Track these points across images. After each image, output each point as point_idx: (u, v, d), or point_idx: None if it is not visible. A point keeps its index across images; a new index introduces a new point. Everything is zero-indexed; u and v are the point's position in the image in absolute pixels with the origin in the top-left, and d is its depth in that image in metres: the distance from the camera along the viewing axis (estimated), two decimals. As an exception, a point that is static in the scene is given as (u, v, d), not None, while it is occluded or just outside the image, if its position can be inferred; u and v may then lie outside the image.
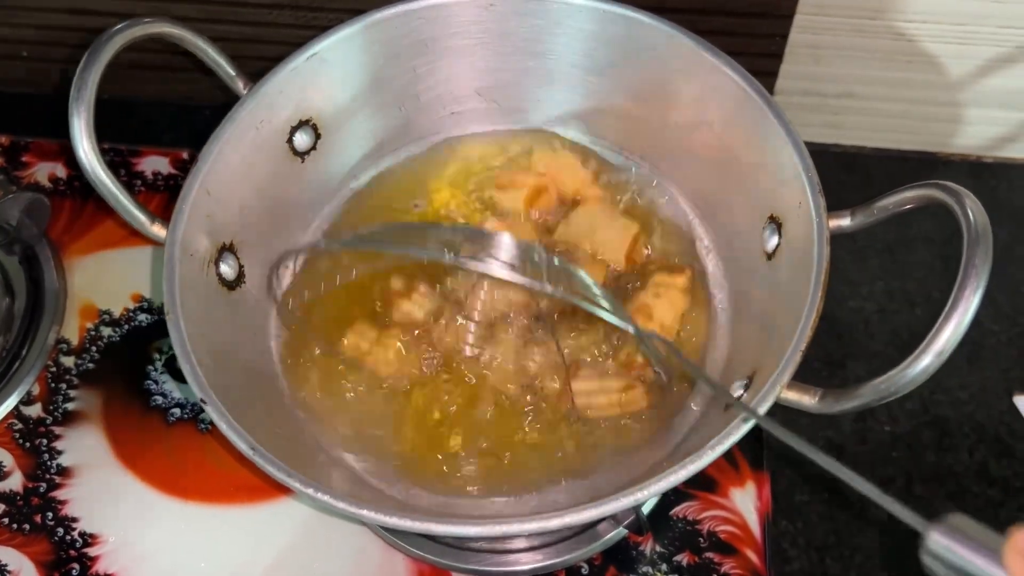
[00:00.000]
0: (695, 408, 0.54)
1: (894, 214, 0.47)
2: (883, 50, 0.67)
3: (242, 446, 0.45)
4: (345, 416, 0.55)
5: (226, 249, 0.55)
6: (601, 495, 0.43)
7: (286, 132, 0.58)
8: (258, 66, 0.58)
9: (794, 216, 0.50)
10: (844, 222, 0.48)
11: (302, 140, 0.59)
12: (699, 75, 0.55)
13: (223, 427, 0.45)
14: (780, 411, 0.45)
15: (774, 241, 0.52)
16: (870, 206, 0.47)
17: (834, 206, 0.50)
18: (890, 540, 0.58)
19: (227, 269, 0.54)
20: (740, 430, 0.42)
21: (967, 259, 0.40)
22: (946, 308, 0.39)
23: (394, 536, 0.57)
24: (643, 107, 0.60)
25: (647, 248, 0.59)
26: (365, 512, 0.42)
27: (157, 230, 0.52)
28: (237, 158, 0.55)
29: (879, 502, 0.34)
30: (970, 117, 0.71)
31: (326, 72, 0.58)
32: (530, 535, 0.55)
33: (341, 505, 0.43)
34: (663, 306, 0.55)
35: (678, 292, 0.56)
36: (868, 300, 0.67)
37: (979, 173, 0.73)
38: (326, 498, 0.43)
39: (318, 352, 0.56)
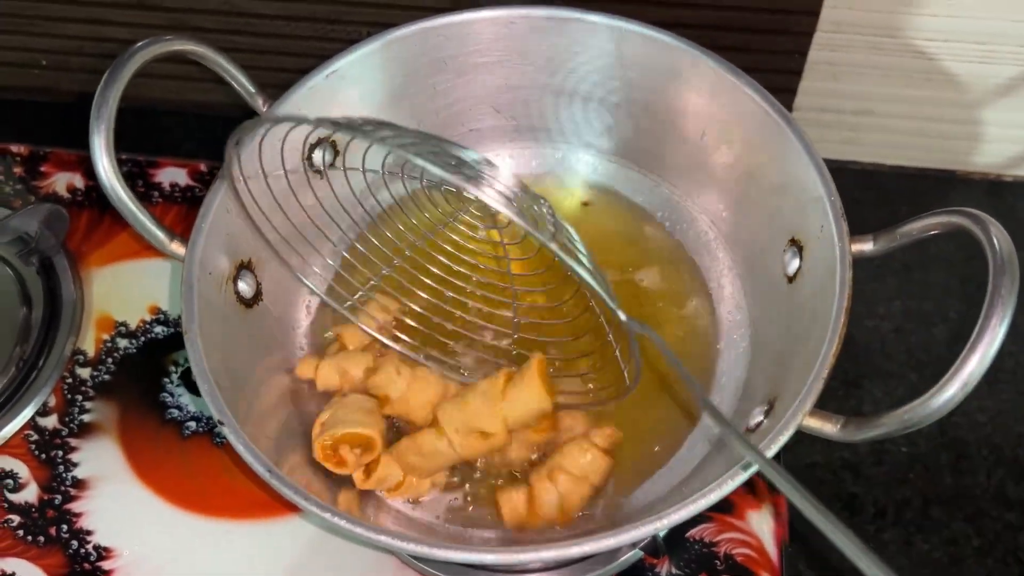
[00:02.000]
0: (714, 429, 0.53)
1: (918, 239, 0.46)
2: (902, 68, 0.67)
3: (259, 468, 0.45)
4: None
5: (244, 267, 0.54)
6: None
7: (305, 149, 0.58)
8: (275, 78, 0.58)
9: (816, 240, 0.50)
10: (867, 247, 0.48)
11: (321, 157, 0.59)
12: (719, 95, 0.55)
13: (240, 449, 0.45)
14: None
15: (795, 264, 0.52)
16: (893, 231, 0.47)
17: (851, 224, 0.49)
18: (906, 562, 0.58)
19: (245, 287, 0.54)
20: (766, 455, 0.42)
21: (993, 288, 0.40)
22: (972, 338, 0.39)
23: (407, 555, 0.57)
24: (662, 126, 0.60)
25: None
26: (382, 538, 0.42)
27: (176, 248, 0.52)
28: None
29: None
30: (989, 135, 0.71)
31: (345, 90, 0.58)
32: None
33: (358, 530, 0.42)
34: None
35: None
36: (885, 320, 0.67)
37: (998, 192, 0.73)
38: (342, 523, 0.43)
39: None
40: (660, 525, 0.42)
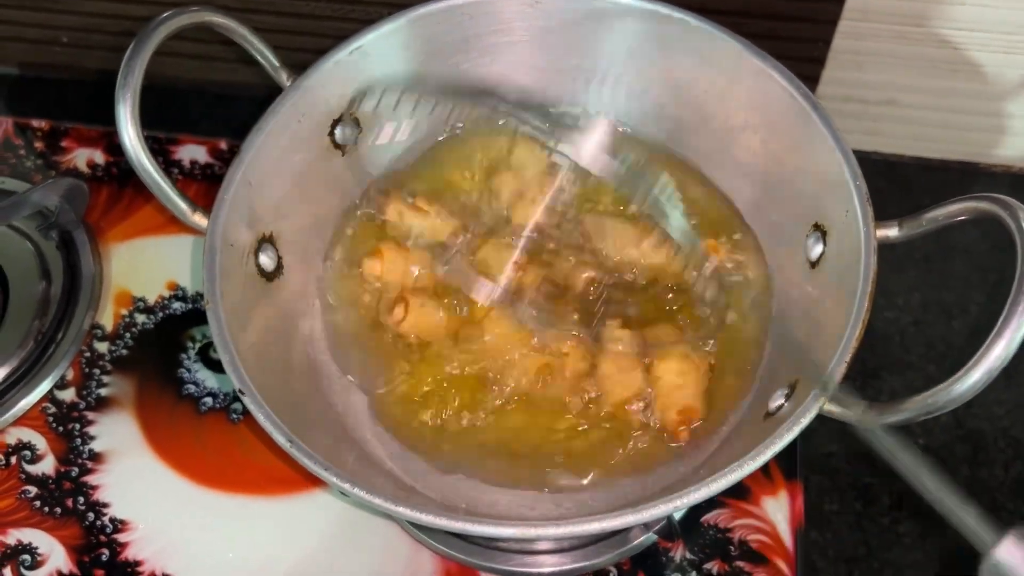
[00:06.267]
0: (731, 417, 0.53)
1: (943, 226, 0.46)
2: (927, 58, 0.66)
3: (280, 438, 0.45)
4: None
5: (266, 240, 0.55)
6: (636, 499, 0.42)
7: (327, 125, 0.58)
8: (295, 57, 0.58)
9: (840, 225, 0.50)
10: (891, 232, 0.48)
11: (343, 133, 0.59)
12: (745, 78, 0.55)
13: (260, 418, 0.45)
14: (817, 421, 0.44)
15: (818, 250, 0.52)
16: (919, 217, 0.47)
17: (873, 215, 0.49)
18: (920, 555, 0.57)
19: (266, 260, 0.54)
20: (783, 439, 0.42)
21: (1021, 274, 0.40)
22: (998, 324, 0.39)
23: (422, 533, 0.57)
24: (686, 109, 0.59)
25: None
26: (401, 509, 0.42)
27: (198, 219, 0.52)
28: (278, 150, 0.55)
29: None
30: (1014, 127, 0.70)
31: (369, 66, 0.58)
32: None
33: (377, 500, 0.42)
34: None
35: None
36: (904, 311, 0.66)
37: (1021, 185, 0.72)
38: (362, 493, 0.43)
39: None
40: (679, 504, 0.42)
